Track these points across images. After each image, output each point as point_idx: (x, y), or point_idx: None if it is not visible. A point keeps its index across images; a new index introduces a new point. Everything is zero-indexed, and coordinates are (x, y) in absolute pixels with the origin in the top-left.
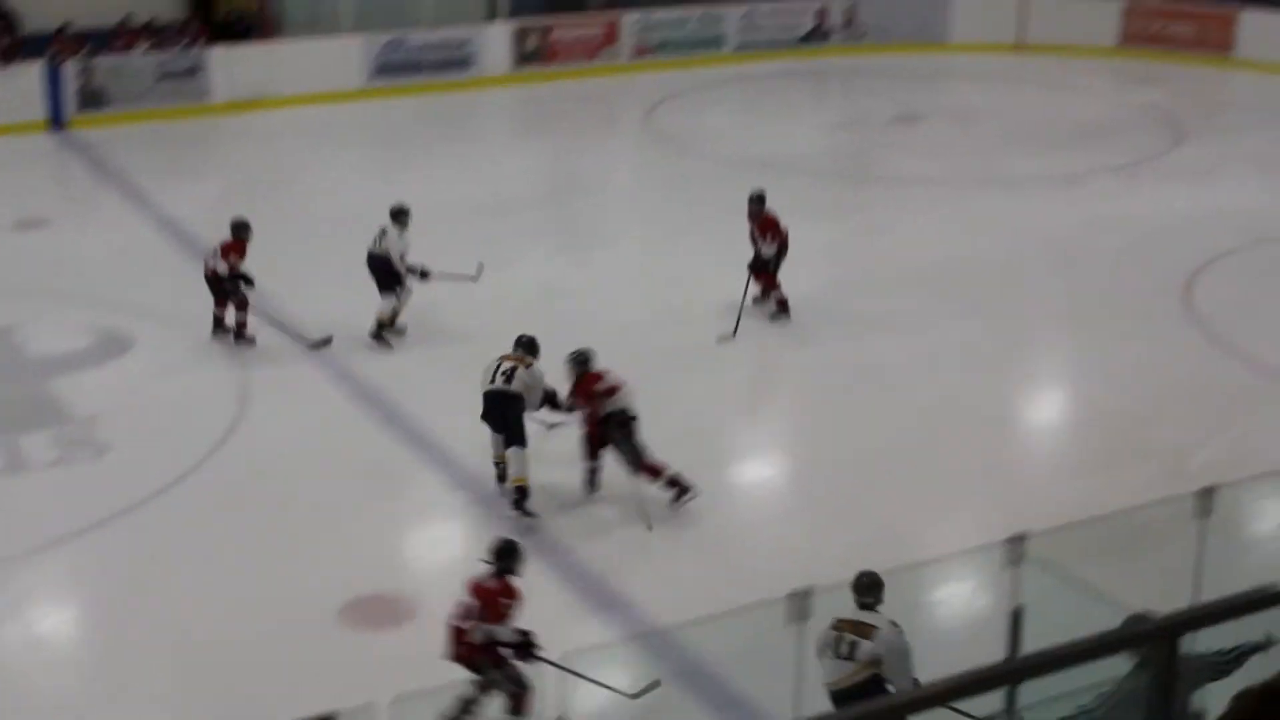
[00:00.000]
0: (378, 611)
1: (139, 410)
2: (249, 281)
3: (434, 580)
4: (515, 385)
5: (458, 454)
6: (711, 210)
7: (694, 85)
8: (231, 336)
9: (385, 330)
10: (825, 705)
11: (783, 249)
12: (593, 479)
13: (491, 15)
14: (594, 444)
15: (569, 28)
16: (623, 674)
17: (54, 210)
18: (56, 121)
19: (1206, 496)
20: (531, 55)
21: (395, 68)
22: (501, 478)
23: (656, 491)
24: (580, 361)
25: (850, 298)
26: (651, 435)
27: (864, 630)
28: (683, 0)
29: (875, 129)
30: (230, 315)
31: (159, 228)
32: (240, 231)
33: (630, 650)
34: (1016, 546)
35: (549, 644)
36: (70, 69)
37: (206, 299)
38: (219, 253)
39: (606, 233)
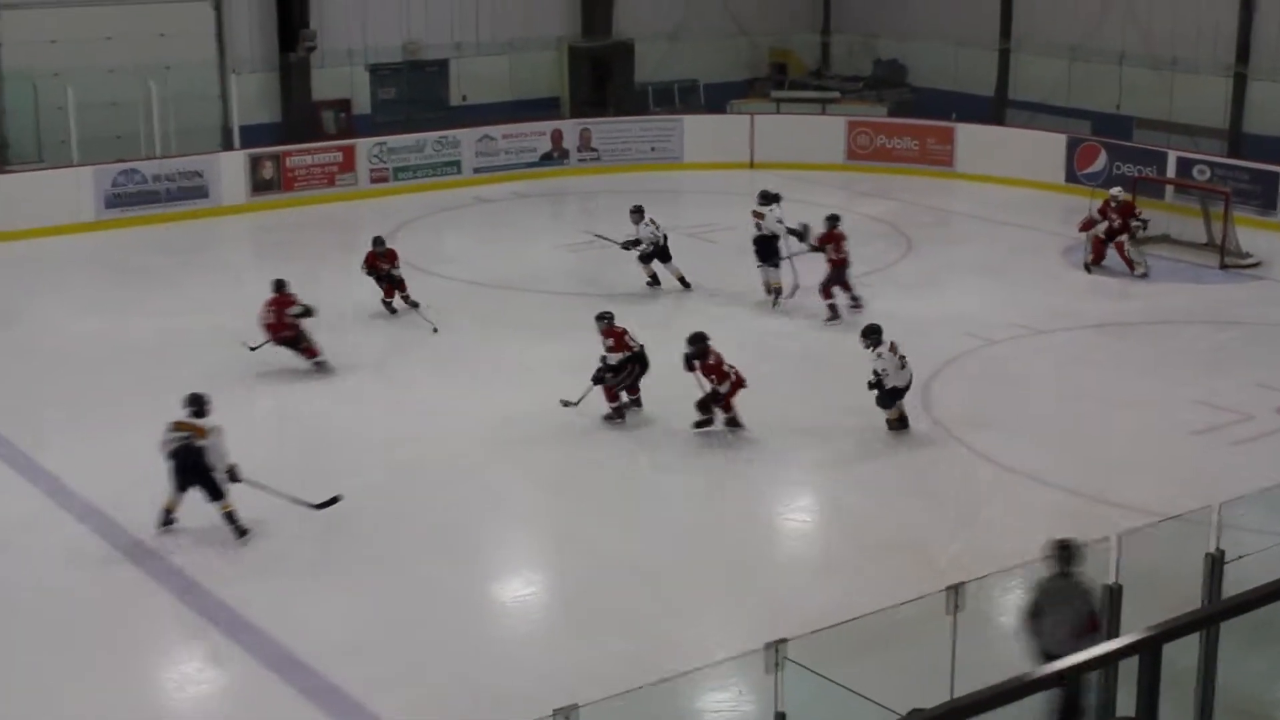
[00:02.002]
0: None
1: None
2: None
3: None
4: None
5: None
6: (453, 329)
7: (433, 208)
8: None
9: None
10: None
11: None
12: None
13: (227, 144)
14: None
15: (304, 154)
16: None
17: None
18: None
19: (956, 592)
20: (268, 183)
21: (129, 198)
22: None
23: None
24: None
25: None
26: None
27: None
28: (419, 127)
29: (613, 247)
30: None
31: None
32: None
33: None
34: (775, 652)
35: None
36: None
37: None
38: None
39: (353, 357)
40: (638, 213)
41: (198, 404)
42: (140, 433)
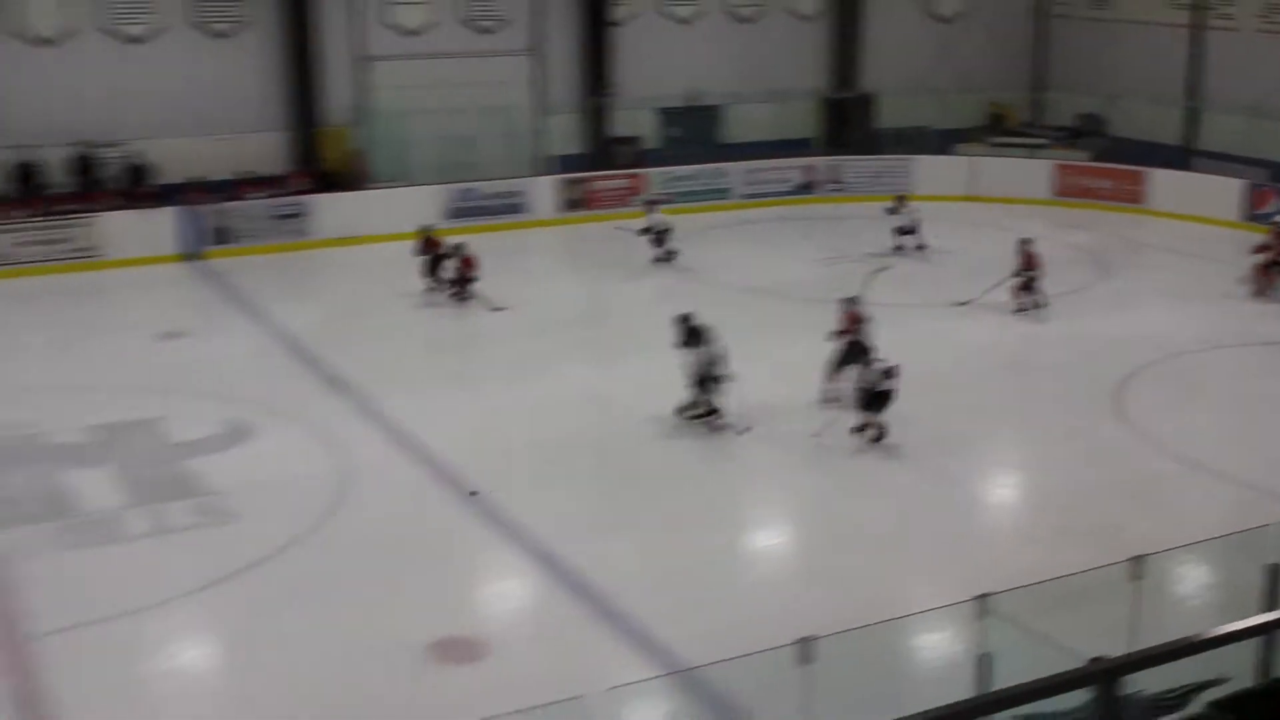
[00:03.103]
0: (458, 650)
1: (260, 486)
2: None
3: (505, 625)
4: None
5: (516, 523)
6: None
7: (707, 227)
8: None
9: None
10: None
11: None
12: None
13: (540, 170)
14: None
15: (604, 180)
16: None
17: (192, 324)
18: (193, 254)
19: (1138, 563)
20: (574, 202)
21: (467, 211)
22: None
23: None
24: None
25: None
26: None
27: None
28: (697, 160)
29: (854, 262)
30: None
31: (275, 339)
32: None
33: (663, 685)
34: (981, 604)
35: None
36: (205, 211)
37: (313, 396)
38: None
39: (634, 344)
40: (650, 204)
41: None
42: (479, 397)
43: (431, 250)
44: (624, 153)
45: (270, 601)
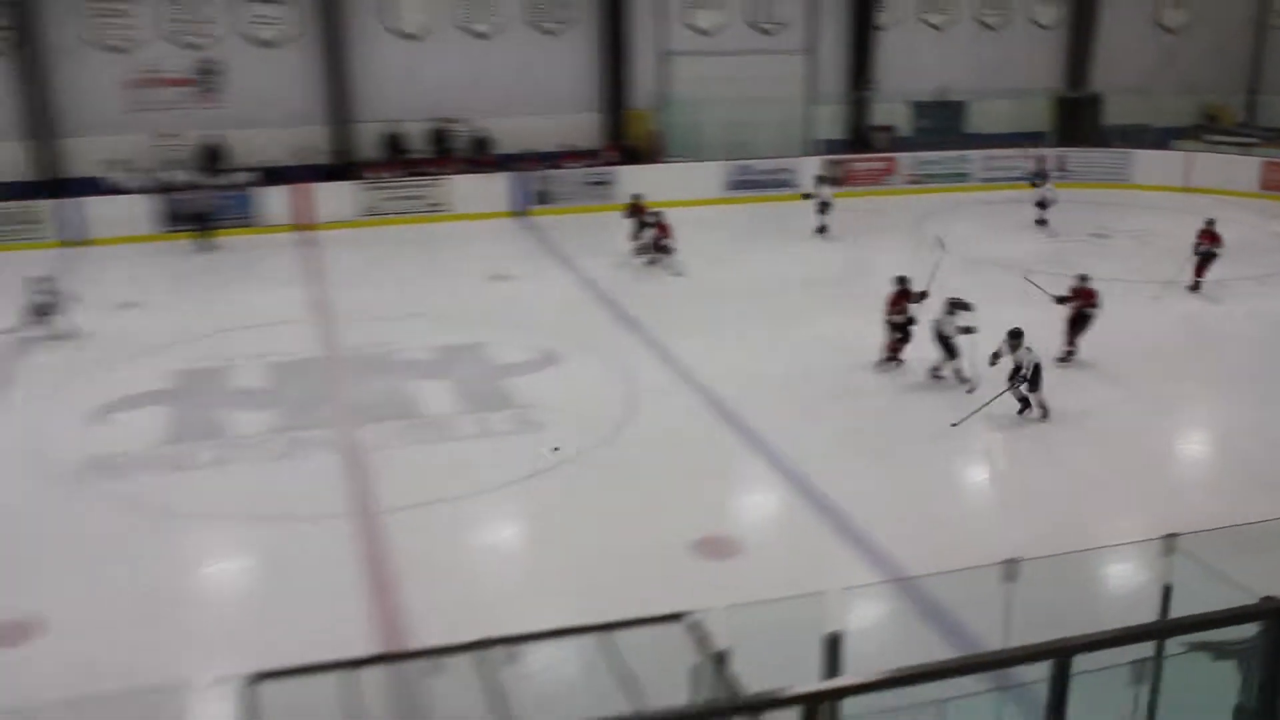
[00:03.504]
0: (718, 548)
1: (563, 403)
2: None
3: (756, 529)
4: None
5: (771, 446)
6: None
7: (949, 206)
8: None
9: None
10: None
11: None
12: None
13: (807, 151)
14: None
15: (861, 161)
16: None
17: (516, 269)
18: (520, 211)
19: None
20: (835, 180)
21: (742, 184)
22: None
23: None
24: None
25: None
26: None
27: None
28: (943, 148)
29: (1076, 241)
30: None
31: (580, 284)
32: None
33: (888, 589)
34: (1168, 542)
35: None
36: (532, 177)
37: (608, 331)
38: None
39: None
40: (820, 180)
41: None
42: (744, 341)
43: (637, 215)
44: (880, 139)
45: (567, 496)
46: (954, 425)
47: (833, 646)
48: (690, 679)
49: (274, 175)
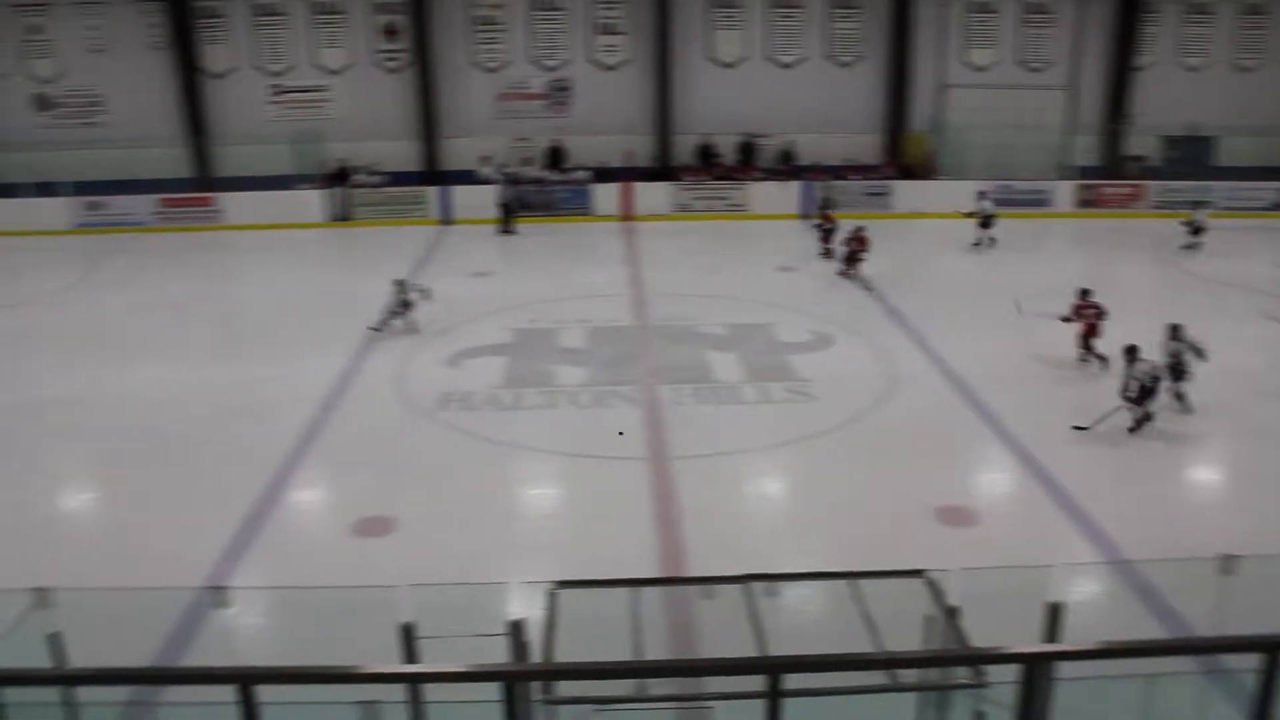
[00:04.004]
0: (956, 516)
1: (833, 379)
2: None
3: (991, 502)
4: None
5: (1011, 430)
6: (1206, 306)
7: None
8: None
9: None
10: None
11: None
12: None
13: (1063, 175)
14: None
15: (1113, 186)
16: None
17: (800, 263)
18: (806, 215)
19: None
20: (1087, 202)
21: (1002, 201)
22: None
23: None
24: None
25: None
26: None
27: None
28: (1183, 177)
29: None
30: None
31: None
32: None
33: (1108, 570)
34: None
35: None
36: (819, 185)
37: (877, 321)
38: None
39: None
40: (981, 194)
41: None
42: (996, 336)
43: (828, 222)
44: (1131, 167)
45: (829, 459)
46: (1080, 429)
47: (1054, 615)
48: (924, 628)
49: (605, 174)
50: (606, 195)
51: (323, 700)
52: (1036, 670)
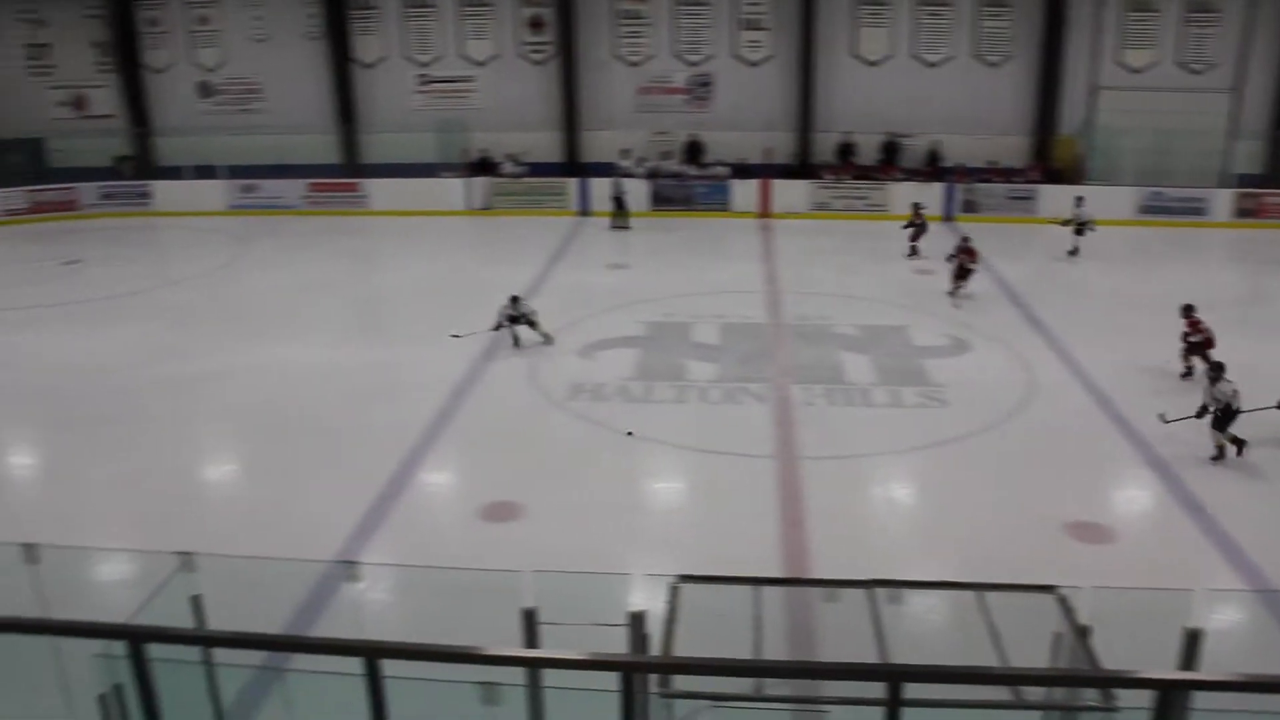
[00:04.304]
0: (1088, 533)
1: (968, 386)
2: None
3: (1126, 519)
4: None
5: (1152, 448)
6: None
7: None
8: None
9: None
10: None
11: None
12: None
13: (1223, 183)
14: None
15: (1276, 195)
16: None
17: (939, 266)
18: (949, 217)
19: None
20: (1247, 211)
21: (1154, 209)
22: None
23: None
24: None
25: None
26: None
27: None
28: None
29: None
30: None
31: (995, 284)
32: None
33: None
34: None
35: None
36: (961, 187)
37: (1015, 327)
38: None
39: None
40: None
41: None
42: (1141, 350)
43: (918, 221)
44: None
45: (960, 466)
46: (1166, 420)
47: (1191, 641)
48: (1051, 646)
49: (743, 171)
50: (744, 191)
51: (444, 678)
52: (1171, 698)
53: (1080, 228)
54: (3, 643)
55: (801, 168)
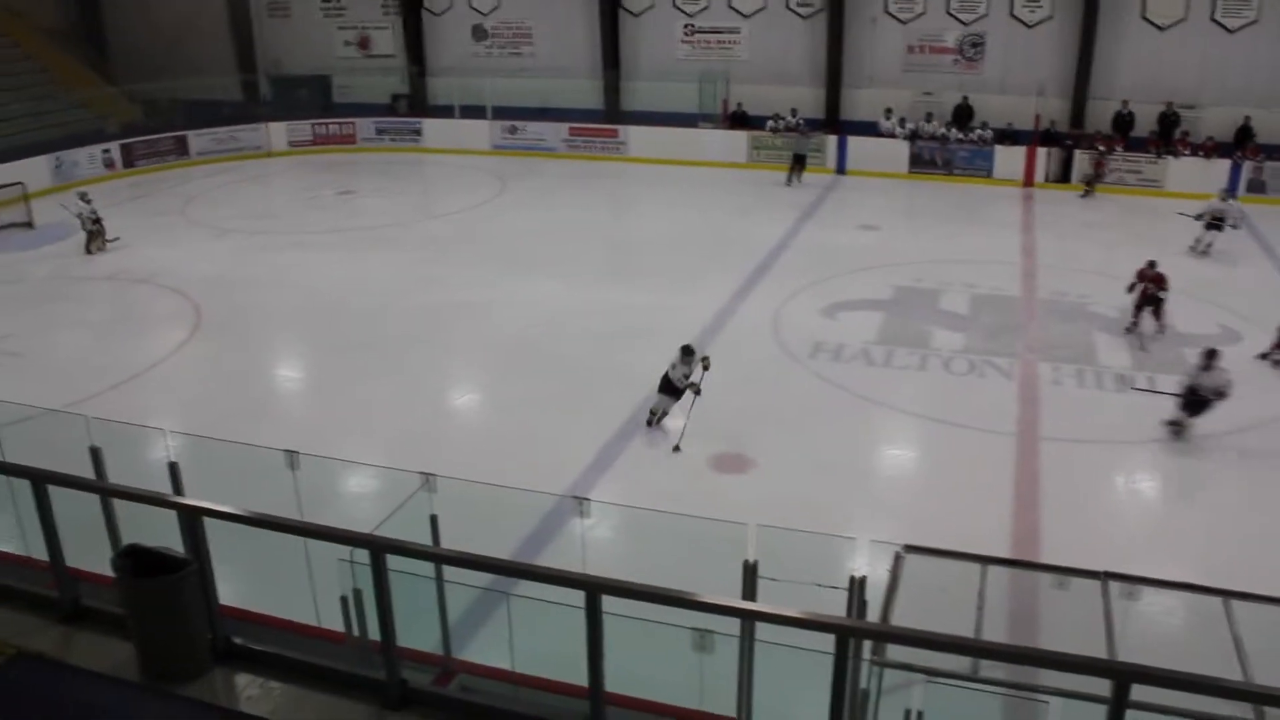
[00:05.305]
0: None
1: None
2: None
3: None
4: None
5: None
6: None
7: None
8: None
9: None
10: None
11: None
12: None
13: None
14: None
15: None
16: None
17: (1215, 250)
18: (1231, 192)
19: None
20: None
21: None
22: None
23: None
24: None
25: None
26: None
27: None
28: None
29: None
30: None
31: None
32: None
33: None
34: None
35: None
36: (1251, 165)
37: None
38: None
39: None
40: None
41: None
42: None
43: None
44: None
45: (1212, 465)
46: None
47: None
48: None
49: (1010, 136)
50: (1009, 158)
51: (661, 620)
52: None
53: (1215, 221)
54: (263, 538)
55: (1072, 137)
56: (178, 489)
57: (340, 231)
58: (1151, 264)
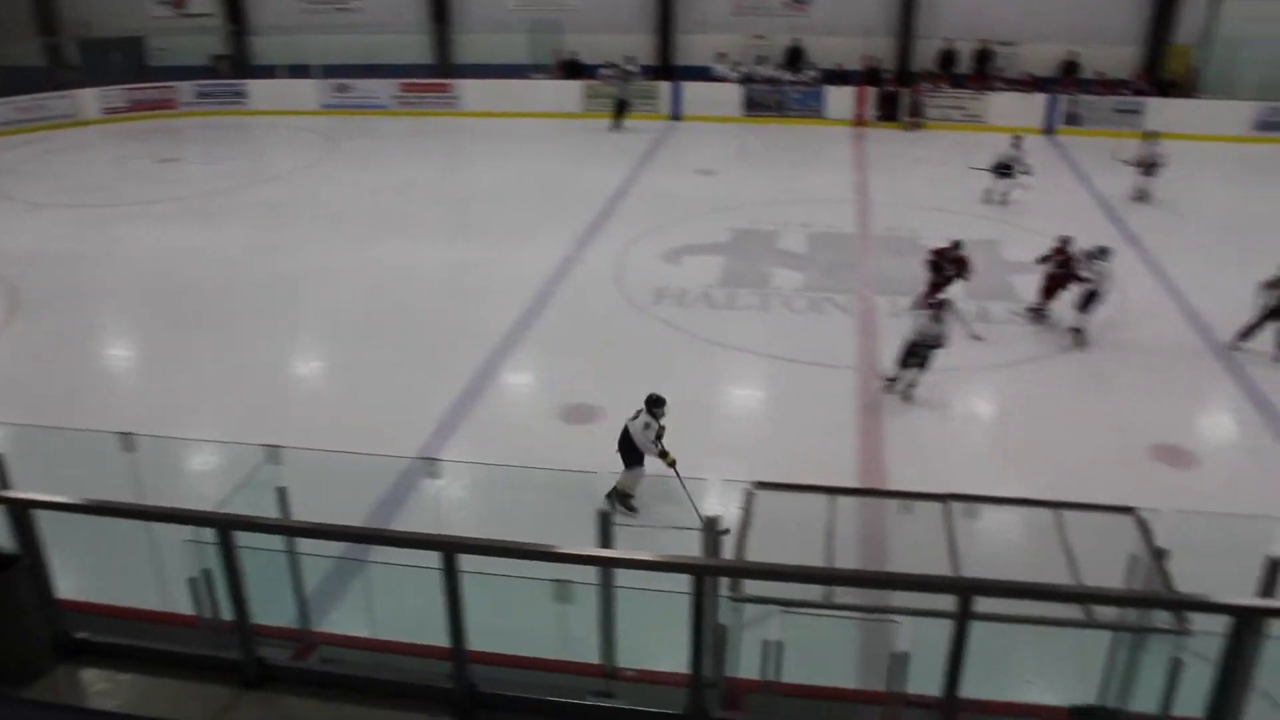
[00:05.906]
0: (1174, 456)
1: (1056, 303)
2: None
3: (1213, 446)
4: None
5: (1248, 374)
6: None
7: None
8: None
9: None
10: None
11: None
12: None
13: None
14: None
15: None
16: None
17: (1035, 180)
18: (1049, 130)
19: None
20: None
21: (1273, 125)
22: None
23: None
24: None
25: None
26: None
27: None
28: None
29: None
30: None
31: (1092, 200)
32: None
33: None
34: None
35: None
36: (1064, 99)
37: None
38: None
39: None
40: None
41: None
42: (1240, 272)
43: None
44: None
45: (1046, 387)
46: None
47: (1273, 570)
48: (1126, 568)
49: (839, 77)
50: (838, 98)
51: (519, 575)
52: (1248, 625)
53: (1150, 168)
54: (101, 526)
55: (898, 75)
56: (3, 481)
57: (165, 201)
58: (956, 244)
